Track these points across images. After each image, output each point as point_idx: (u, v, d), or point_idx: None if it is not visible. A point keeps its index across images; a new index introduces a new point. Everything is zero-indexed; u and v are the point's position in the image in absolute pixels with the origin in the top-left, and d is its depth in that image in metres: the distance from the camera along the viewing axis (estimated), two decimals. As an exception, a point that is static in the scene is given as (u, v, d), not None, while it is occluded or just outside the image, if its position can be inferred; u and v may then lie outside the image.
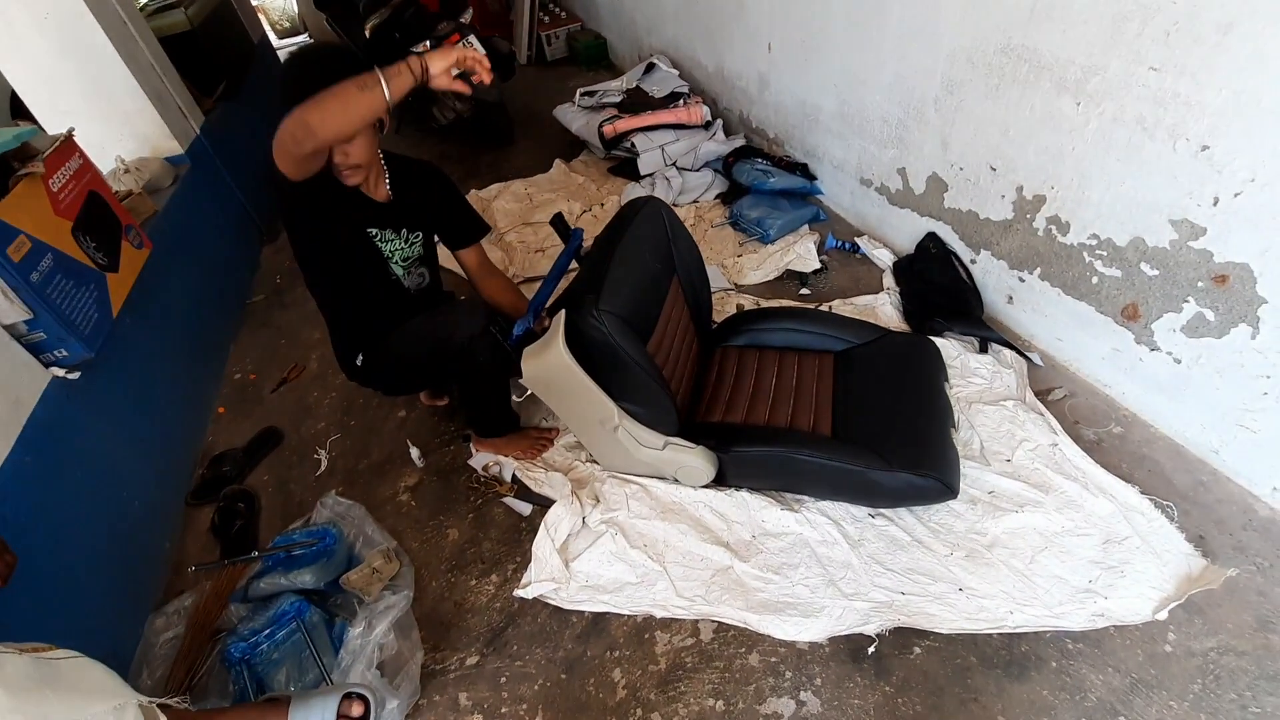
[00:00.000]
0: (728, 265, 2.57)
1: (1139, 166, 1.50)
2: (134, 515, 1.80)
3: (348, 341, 1.82)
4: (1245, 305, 1.40)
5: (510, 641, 1.55)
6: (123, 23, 2.67)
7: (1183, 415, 1.65)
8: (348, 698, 1.19)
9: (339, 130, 1.29)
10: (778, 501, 1.65)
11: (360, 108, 1.26)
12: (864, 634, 1.41)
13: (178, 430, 2.19)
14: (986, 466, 1.65)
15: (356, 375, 1.87)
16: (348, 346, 1.83)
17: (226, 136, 3.30)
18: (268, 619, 1.56)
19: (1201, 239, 1.43)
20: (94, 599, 1.57)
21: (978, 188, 1.97)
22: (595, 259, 1.55)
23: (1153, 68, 1.39)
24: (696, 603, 1.51)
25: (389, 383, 1.92)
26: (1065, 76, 1.57)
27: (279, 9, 7.21)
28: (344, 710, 1.19)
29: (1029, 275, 1.92)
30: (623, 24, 4.40)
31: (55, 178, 1.82)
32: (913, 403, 1.61)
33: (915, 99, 2.07)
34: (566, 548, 1.65)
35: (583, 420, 1.63)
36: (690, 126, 3.13)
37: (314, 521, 1.84)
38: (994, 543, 1.50)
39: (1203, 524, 1.51)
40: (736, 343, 1.90)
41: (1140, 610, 1.35)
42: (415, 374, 1.86)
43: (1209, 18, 1.26)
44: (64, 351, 1.70)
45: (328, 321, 1.84)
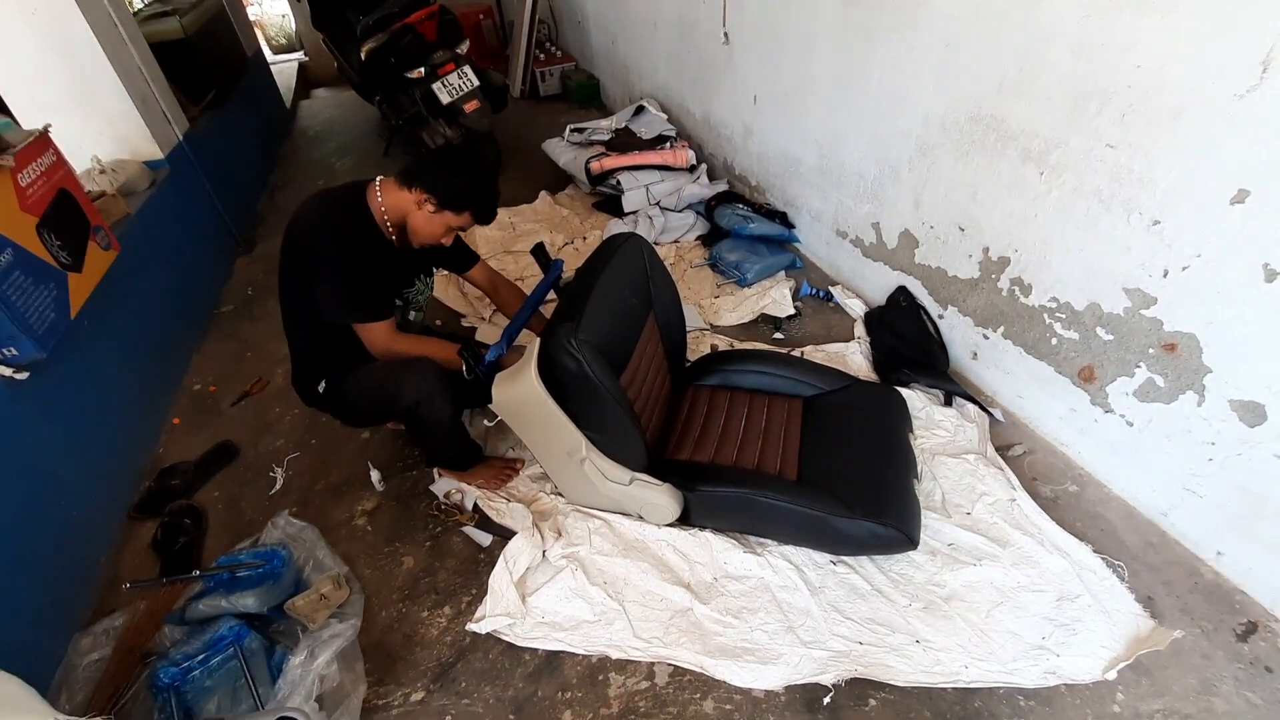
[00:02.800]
0: (704, 305, 2.60)
1: (1096, 236, 1.57)
2: (70, 525, 1.71)
3: (313, 369, 1.80)
4: (1192, 373, 1.46)
5: (459, 678, 1.49)
6: (113, 24, 2.67)
7: (1134, 477, 1.70)
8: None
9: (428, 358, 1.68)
10: (741, 544, 1.64)
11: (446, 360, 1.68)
12: (820, 684, 1.39)
13: (127, 439, 2.11)
14: (947, 518, 1.67)
15: (315, 401, 1.84)
16: (312, 373, 1.80)
17: (210, 145, 3.28)
18: (203, 643, 1.49)
19: (1153, 308, 1.50)
20: (15, 612, 1.48)
21: (947, 246, 2.05)
22: (575, 290, 1.56)
23: (1110, 145, 1.47)
24: (654, 644, 1.48)
25: (346, 416, 1.90)
26: (1030, 147, 1.66)
27: (276, 25, 7.26)
28: None
29: (993, 333, 1.98)
30: (615, 67, 4.54)
31: (25, 173, 1.77)
32: (878, 452, 1.64)
33: (891, 158, 2.16)
34: (525, 582, 1.62)
35: (550, 450, 1.62)
36: (675, 169, 3.20)
37: (263, 542, 1.77)
38: (952, 595, 1.51)
39: (1151, 585, 1.54)
40: (708, 382, 1.92)
41: (1090, 669, 1.37)
42: (366, 418, 1.89)
43: (1161, 103, 1.35)
44: (13, 350, 1.64)
45: (294, 347, 1.81)
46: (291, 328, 1.77)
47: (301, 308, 1.69)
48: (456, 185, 1.58)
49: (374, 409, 1.79)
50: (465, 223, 1.64)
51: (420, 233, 1.65)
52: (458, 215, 1.61)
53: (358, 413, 1.85)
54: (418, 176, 1.59)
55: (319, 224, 1.62)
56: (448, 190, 1.57)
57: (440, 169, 1.59)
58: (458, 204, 1.59)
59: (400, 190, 1.62)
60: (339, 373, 1.76)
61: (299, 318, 1.73)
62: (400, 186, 1.62)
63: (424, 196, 1.58)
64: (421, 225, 1.64)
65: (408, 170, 1.62)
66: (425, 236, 1.66)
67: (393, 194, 1.63)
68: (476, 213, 1.63)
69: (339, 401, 1.80)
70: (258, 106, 4.74)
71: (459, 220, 1.62)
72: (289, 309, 1.74)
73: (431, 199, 1.58)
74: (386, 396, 1.68)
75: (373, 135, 4.88)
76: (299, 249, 1.63)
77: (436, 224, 1.62)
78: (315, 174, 4.36)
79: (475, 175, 1.61)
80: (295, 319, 1.75)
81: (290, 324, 1.77)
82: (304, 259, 1.61)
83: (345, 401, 1.79)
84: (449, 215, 1.60)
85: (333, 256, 1.58)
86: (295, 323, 1.76)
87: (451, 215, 1.60)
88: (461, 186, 1.58)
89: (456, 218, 1.61)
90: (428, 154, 1.67)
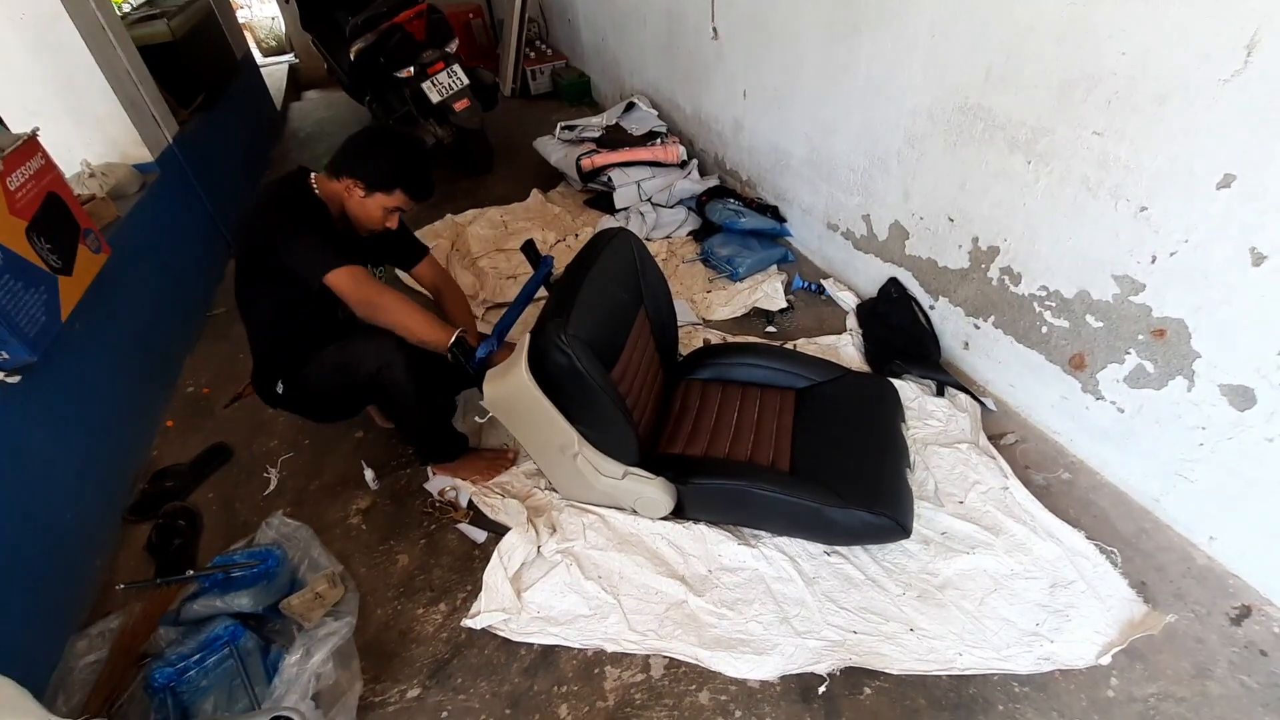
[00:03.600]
0: (697, 300, 2.60)
1: (1084, 223, 1.58)
2: (64, 528, 1.71)
3: (271, 371, 1.79)
4: (1181, 359, 1.47)
5: (454, 674, 1.49)
6: (100, 28, 2.66)
7: (1126, 464, 1.70)
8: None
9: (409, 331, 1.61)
10: (735, 536, 1.65)
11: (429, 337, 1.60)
12: (815, 673, 1.40)
13: (121, 442, 2.10)
14: (940, 508, 1.67)
15: (279, 403, 1.83)
16: (270, 375, 1.79)
17: (200, 147, 3.27)
18: (198, 644, 1.48)
19: (1141, 294, 1.51)
20: (10, 615, 1.47)
21: (937, 237, 2.05)
22: (564, 285, 1.56)
23: (1096, 132, 1.48)
24: (649, 637, 1.48)
25: (313, 411, 1.88)
26: (1017, 136, 1.66)
27: (266, 28, 7.25)
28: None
29: (984, 323, 1.98)
30: (606, 64, 4.53)
31: (13, 176, 1.77)
32: (870, 442, 1.64)
33: (880, 150, 2.16)
34: (519, 577, 1.62)
35: (542, 446, 1.62)
36: (666, 165, 3.21)
37: (257, 542, 1.77)
38: (945, 584, 1.52)
39: (1144, 570, 1.54)
40: (701, 376, 1.92)
41: (1084, 654, 1.37)
42: (333, 404, 1.84)
43: (1146, 89, 1.36)
44: (4, 354, 1.64)
45: (256, 351, 1.80)
46: (253, 331, 1.77)
47: (261, 307, 1.69)
48: (379, 165, 1.59)
49: (338, 390, 1.74)
50: (400, 202, 1.64)
51: (360, 219, 1.66)
52: (389, 195, 1.61)
53: (323, 399, 1.80)
54: (342, 165, 1.60)
55: (268, 206, 1.61)
56: (371, 172, 1.58)
57: (360, 153, 1.60)
58: (385, 184, 1.60)
59: (331, 181, 1.63)
60: (290, 369, 1.74)
61: (259, 320, 1.73)
62: (330, 177, 1.63)
63: (351, 182, 1.59)
64: (358, 211, 1.64)
65: (333, 160, 1.62)
66: (367, 221, 1.67)
67: (326, 186, 1.65)
68: (408, 189, 1.63)
69: (302, 394, 1.78)
70: (248, 109, 4.73)
71: (392, 200, 1.63)
72: (250, 314, 1.74)
73: (359, 183, 1.58)
74: (348, 371, 1.65)
75: (364, 136, 4.86)
76: (253, 237, 1.61)
77: (371, 207, 1.63)
78: (307, 176, 4.35)
79: (396, 152, 1.61)
80: (256, 322, 1.75)
81: (252, 328, 1.76)
82: (260, 242, 1.58)
83: (309, 390, 1.76)
84: (380, 197, 1.61)
85: (289, 223, 1.56)
86: (256, 326, 1.76)
87: (383, 196, 1.61)
88: (384, 166, 1.59)
89: (389, 198, 1.62)
90: (348, 140, 1.65)
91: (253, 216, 1.64)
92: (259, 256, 1.61)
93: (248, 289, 1.70)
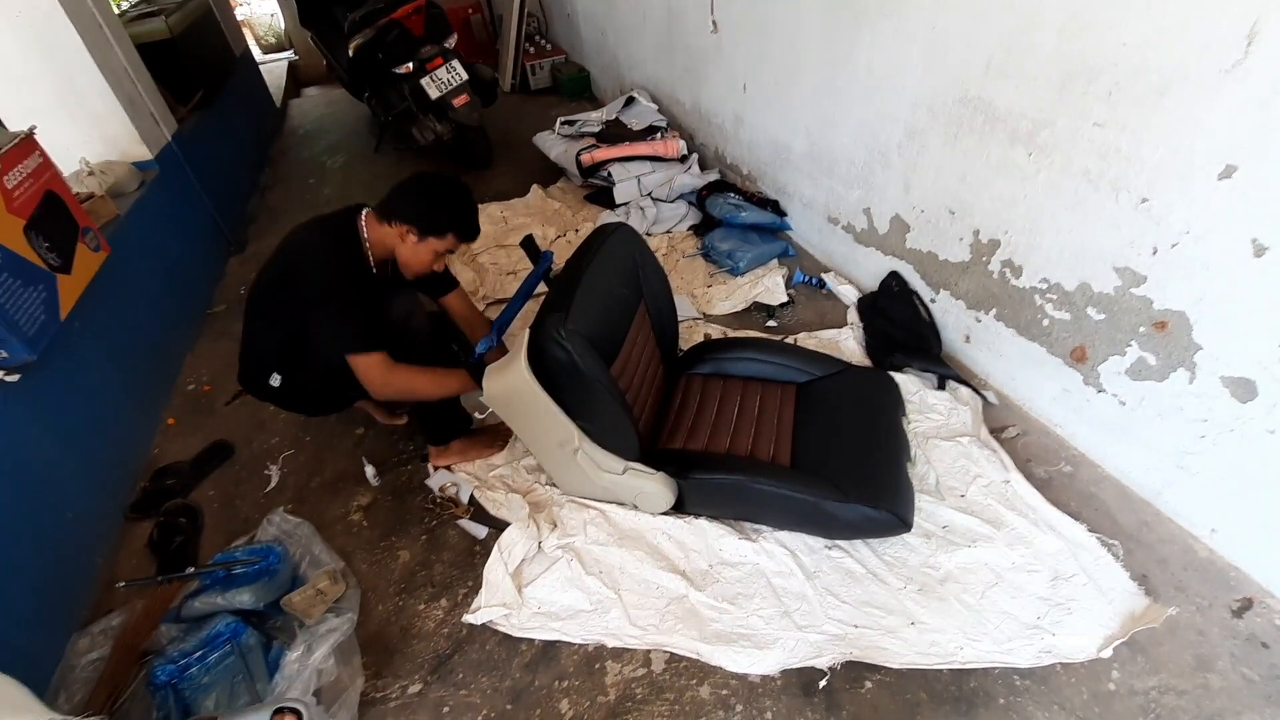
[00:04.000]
0: (697, 295, 2.60)
1: (1085, 216, 1.57)
2: (65, 527, 1.71)
3: (264, 362, 1.76)
4: (1183, 351, 1.46)
5: (456, 669, 1.50)
6: (98, 26, 2.66)
7: (1128, 456, 1.70)
8: (279, 713, 1.13)
9: (425, 396, 1.71)
10: (736, 530, 1.64)
11: (445, 393, 1.70)
12: (816, 667, 1.40)
13: (121, 440, 2.11)
14: (941, 501, 1.67)
15: (270, 396, 1.81)
16: (261, 367, 1.76)
17: (199, 145, 3.27)
18: (200, 640, 1.49)
19: (1142, 286, 1.50)
20: (12, 613, 1.48)
21: (937, 230, 2.04)
22: (564, 280, 1.56)
23: (1097, 124, 1.47)
24: (650, 632, 1.48)
25: (306, 402, 1.87)
26: (1018, 129, 1.65)
27: (265, 24, 7.23)
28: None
29: (985, 316, 1.98)
30: (605, 59, 4.52)
31: (11, 174, 1.77)
32: (871, 436, 1.64)
33: (880, 143, 2.15)
34: (520, 573, 1.62)
35: (542, 442, 1.62)
36: (666, 159, 3.19)
37: (258, 539, 1.77)
38: (946, 577, 1.51)
39: (1146, 563, 1.54)
40: (701, 371, 1.91)
41: (1086, 648, 1.37)
42: (330, 391, 1.80)
43: (1147, 80, 1.35)
44: (3, 352, 1.64)
45: (255, 346, 1.77)
46: (257, 330, 1.76)
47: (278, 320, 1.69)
48: (432, 211, 1.61)
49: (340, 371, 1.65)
50: (451, 245, 1.66)
51: (410, 264, 1.68)
52: (441, 239, 1.63)
53: (321, 387, 1.77)
54: (395, 210, 1.61)
55: (316, 254, 1.63)
56: (425, 218, 1.60)
57: (414, 198, 1.61)
58: (439, 229, 1.61)
59: (381, 225, 1.64)
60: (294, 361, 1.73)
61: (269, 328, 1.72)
62: (381, 221, 1.64)
63: (405, 228, 1.60)
64: (409, 256, 1.66)
65: (385, 205, 1.63)
66: (417, 266, 1.69)
67: (376, 229, 1.65)
68: (459, 232, 1.65)
69: (299, 386, 1.76)
70: (247, 106, 4.72)
71: (444, 244, 1.65)
72: (262, 320, 1.73)
73: (413, 229, 1.60)
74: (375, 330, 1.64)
75: (364, 132, 4.86)
76: (293, 276, 1.63)
77: (423, 252, 1.64)
78: (306, 173, 4.35)
79: (448, 197, 1.63)
80: (264, 329, 1.74)
81: (256, 328, 1.75)
82: (298, 286, 1.61)
83: (315, 374, 1.73)
84: (433, 241, 1.63)
85: (329, 286, 1.58)
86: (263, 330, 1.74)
87: (435, 240, 1.63)
88: (437, 211, 1.61)
89: (441, 242, 1.64)
90: (398, 185, 1.66)
91: (298, 254, 1.65)
92: (291, 295, 1.62)
93: (268, 302, 1.69)
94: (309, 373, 1.73)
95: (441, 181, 1.66)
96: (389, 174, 4.12)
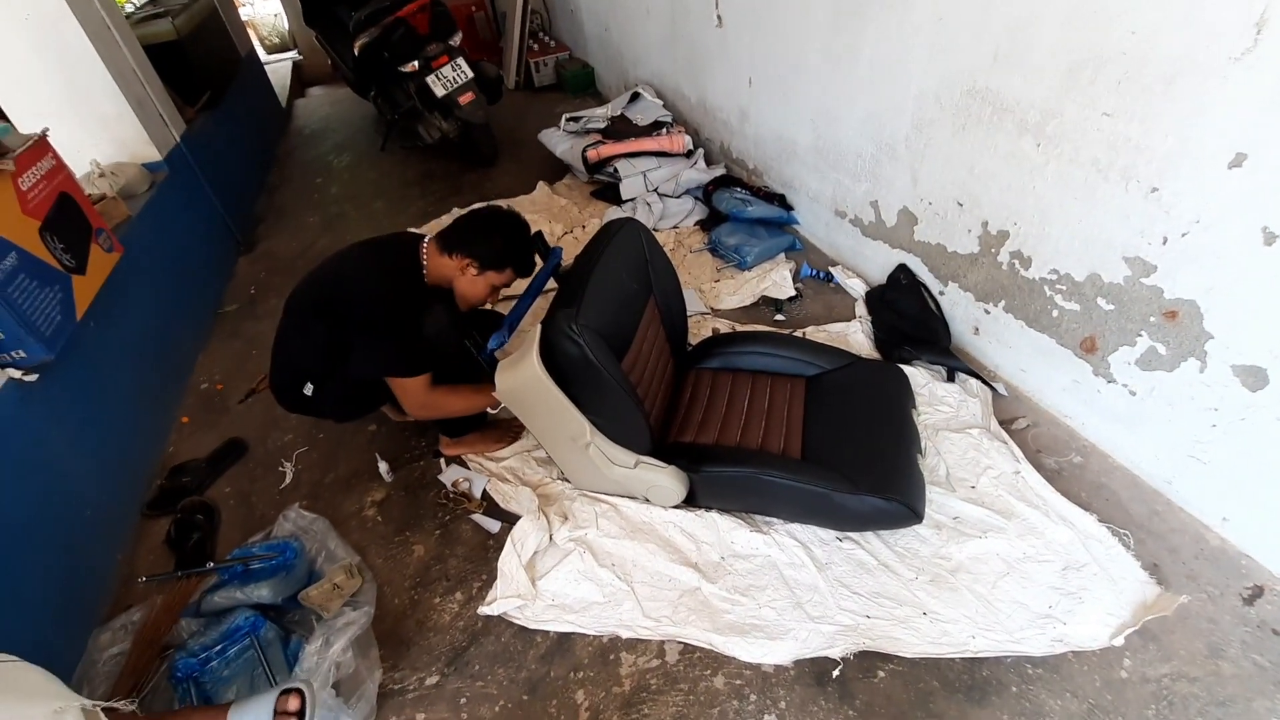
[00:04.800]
0: (705, 290, 2.61)
1: (1094, 205, 1.57)
2: (84, 524, 1.74)
3: (299, 374, 1.78)
4: (1194, 340, 1.46)
5: (472, 661, 1.52)
6: (106, 27, 2.67)
7: (1138, 446, 1.70)
8: (284, 694, 1.15)
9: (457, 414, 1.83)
10: (747, 523, 1.66)
11: (473, 409, 1.80)
12: (829, 657, 1.41)
13: (137, 438, 2.13)
14: (952, 492, 1.68)
15: (300, 405, 1.83)
16: (296, 378, 1.78)
17: (207, 145, 3.29)
18: (220, 635, 1.51)
19: (1152, 276, 1.50)
20: (35, 610, 1.51)
21: (946, 222, 2.04)
22: (574, 276, 1.56)
23: (1106, 113, 1.47)
24: (663, 623, 1.49)
25: (340, 406, 1.89)
26: (1026, 119, 1.65)
27: (269, 24, 7.24)
28: (280, 706, 1.15)
29: (994, 307, 1.98)
30: (610, 54, 4.51)
31: (25, 177, 1.79)
32: (881, 428, 1.64)
33: (887, 136, 2.15)
34: (533, 565, 1.64)
35: (554, 436, 1.63)
36: (672, 154, 3.19)
37: (275, 535, 1.79)
38: (958, 568, 1.52)
39: (1157, 552, 1.55)
40: (710, 365, 1.92)
41: (1098, 636, 1.38)
42: (362, 395, 1.83)
43: (1155, 70, 1.34)
44: (21, 353, 1.66)
45: (293, 365, 1.78)
46: (292, 346, 1.77)
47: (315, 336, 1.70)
48: (494, 246, 1.65)
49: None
50: (508, 279, 1.72)
51: (467, 295, 1.72)
52: (500, 274, 1.68)
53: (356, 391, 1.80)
54: (457, 243, 1.65)
55: (374, 284, 1.65)
56: (488, 252, 1.64)
57: (476, 233, 1.65)
58: (499, 263, 1.66)
59: (441, 256, 1.68)
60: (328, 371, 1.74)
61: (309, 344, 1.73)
62: (441, 253, 1.67)
63: (466, 262, 1.64)
64: (467, 289, 1.70)
65: (446, 237, 1.67)
66: (473, 298, 1.73)
67: (435, 259, 1.69)
68: (517, 268, 1.70)
69: (333, 391, 1.78)
70: (253, 106, 4.74)
71: (501, 278, 1.70)
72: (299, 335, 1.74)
73: (474, 263, 1.64)
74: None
75: (369, 131, 4.88)
76: (344, 302, 1.65)
77: (481, 285, 1.69)
78: (313, 172, 4.37)
79: (509, 233, 1.68)
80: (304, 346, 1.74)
81: (293, 343, 1.76)
82: (350, 312, 1.64)
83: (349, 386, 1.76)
84: (492, 275, 1.68)
85: (386, 319, 1.61)
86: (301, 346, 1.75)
87: (494, 274, 1.68)
88: (500, 246, 1.66)
89: (499, 275, 1.69)
90: (463, 219, 1.70)
91: (353, 284, 1.67)
92: (339, 320, 1.64)
93: (311, 320, 1.70)
94: (342, 384, 1.75)
95: (504, 217, 1.70)
96: (395, 172, 4.14)
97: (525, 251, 1.71)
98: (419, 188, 3.88)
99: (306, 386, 1.76)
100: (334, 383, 1.76)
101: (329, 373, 1.74)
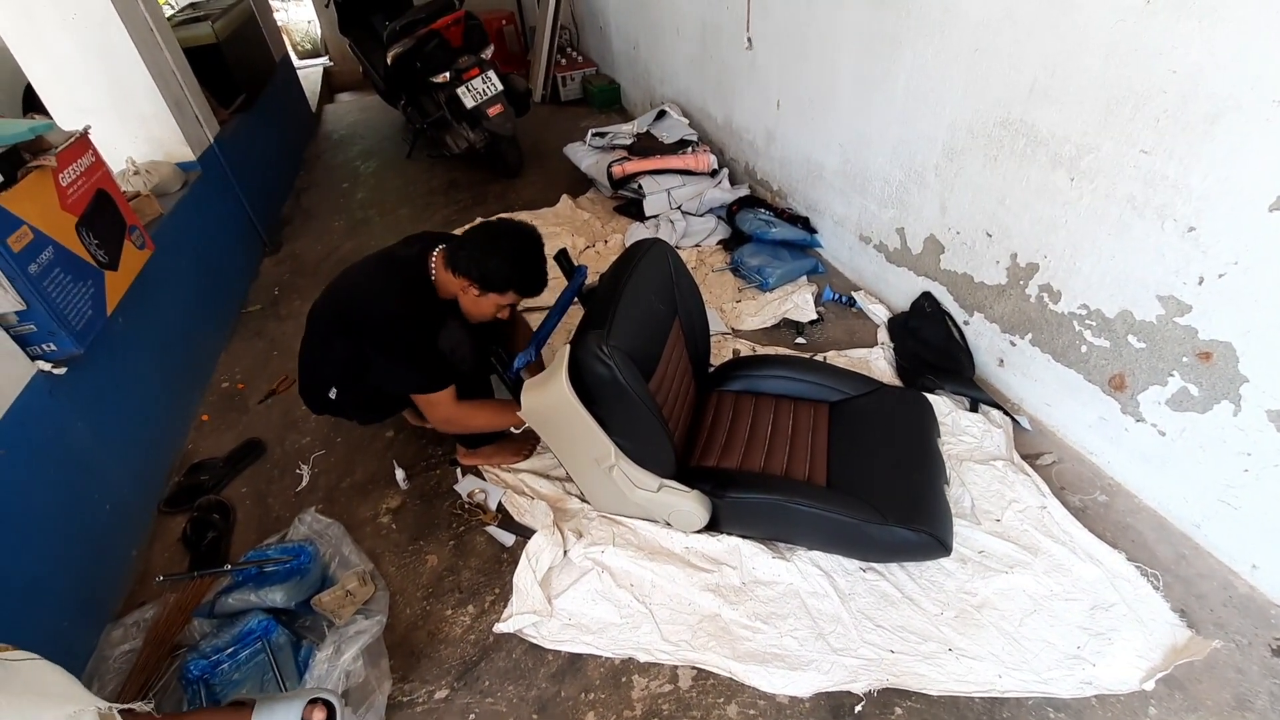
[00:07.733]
0: (726, 310, 2.60)
1: (1128, 242, 1.56)
2: (102, 518, 1.74)
3: (323, 380, 1.80)
4: (1228, 383, 1.44)
5: (482, 676, 1.50)
6: (149, 29, 2.73)
7: (1166, 487, 1.67)
8: (312, 703, 1.15)
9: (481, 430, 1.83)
10: (769, 549, 1.63)
11: (498, 426, 1.78)
12: (851, 691, 1.38)
13: (158, 434, 2.14)
14: (977, 525, 1.65)
15: (326, 408, 1.85)
16: (321, 383, 1.80)
17: (239, 148, 3.34)
18: (232, 637, 1.51)
19: (1187, 316, 1.48)
20: (49, 602, 1.51)
21: (973, 252, 2.03)
22: (602, 296, 1.56)
23: (1144, 150, 1.46)
24: (681, 648, 1.47)
25: (364, 410, 1.90)
26: (1060, 153, 1.65)
27: (302, 31, 7.38)
28: (307, 715, 1.14)
29: (1020, 340, 1.96)
30: (637, 72, 4.56)
31: (66, 173, 1.82)
32: (907, 457, 1.62)
33: (916, 163, 2.15)
34: (549, 582, 1.62)
35: (578, 458, 1.62)
36: (697, 173, 3.21)
37: (290, 538, 1.79)
38: (984, 603, 1.49)
39: (1184, 597, 1.51)
40: (732, 387, 1.91)
41: (1128, 679, 1.34)
42: (385, 398, 1.84)
43: (1198, 108, 1.34)
44: (52, 346, 1.68)
45: (318, 372, 1.80)
46: (317, 356, 1.79)
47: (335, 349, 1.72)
48: (494, 268, 1.59)
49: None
50: (513, 299, 1.67)
51: (472, 313, 1.71)
52: (502, 295, 1.64)
53: (383, 397, 1.82)
54: (458, 263, 1.61)
55: (382, 298, 1.65)
56: (486, 275, 1.59)
57: (478, 253, 1.59)
58: (500, 286, 1.61)
59: (446, 272, 1.66)
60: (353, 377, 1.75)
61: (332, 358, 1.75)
62: (447, 267, 1.66)
63: (466, 282, 1.61)
64: (471, 308, 1.69)
65: (452, 253, 1.64)
66: (479, 315, 1.72)
67: (443, 275, 1.68)
68: (520, 289, 1.64)
69: (357, 396, 1.80)
70: (285, 110, 4.82)
71: (505, 299, 1.66)
72: (322, 348, 1.76)
73: (474, 284, 1.61)
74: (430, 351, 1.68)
75: (396, 139, 4.94)
76: (355, 317, 1.66)
77: (485, 305, 1.67)
78: (340, 177, 4.42)
79: (513, 254, 1.60)
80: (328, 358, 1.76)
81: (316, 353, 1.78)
82: (362, 328, 1.64)
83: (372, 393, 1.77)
84: (494, 296, 1.64)
85: (394, 336, 1.61)
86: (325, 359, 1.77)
87: (496, 296, 1.64)
88: (499, 268, 1.59)
89: (502, 297, 1.65)
90: (467, 234, 1.66)
91: (362, 299, 1.68)
92: (352, 336, 1.65)
93: (328, 334, 1.72)
94: (364, 392, 1.76)
95: (509, 237, 1.62)
96: (421, 179, 4.18)
97: (530, 273, 1.63)
98: (444, 196, 3.92)
99: (331, 391, 1.77)
100: (356, 391, 1.76)
101: (351, 383, 1.75)
